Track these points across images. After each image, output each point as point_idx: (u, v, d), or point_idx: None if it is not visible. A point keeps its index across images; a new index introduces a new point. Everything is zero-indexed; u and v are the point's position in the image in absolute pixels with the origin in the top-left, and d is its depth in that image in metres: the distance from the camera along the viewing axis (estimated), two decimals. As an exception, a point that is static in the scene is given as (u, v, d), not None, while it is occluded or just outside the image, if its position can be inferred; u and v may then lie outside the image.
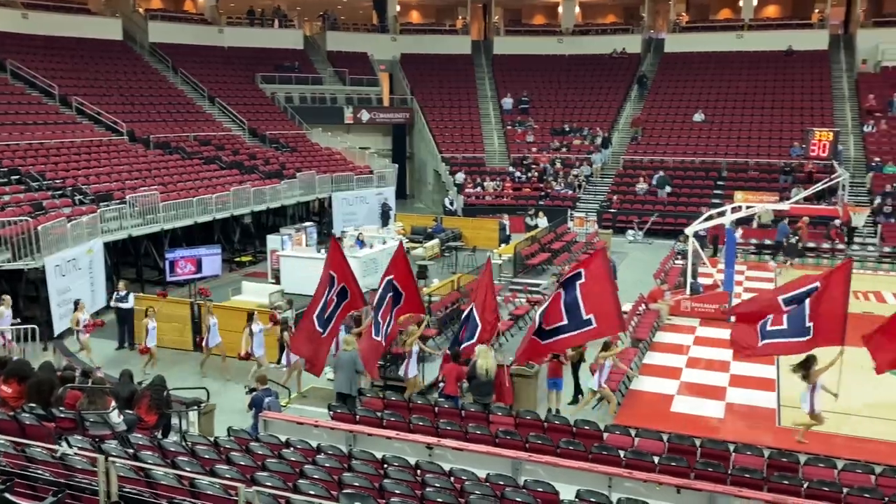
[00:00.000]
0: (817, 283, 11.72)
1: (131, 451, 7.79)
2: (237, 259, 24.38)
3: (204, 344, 14.85)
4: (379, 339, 12.09)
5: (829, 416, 11.61)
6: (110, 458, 6.68)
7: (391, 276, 12.22)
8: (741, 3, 39.60)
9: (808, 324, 11.51)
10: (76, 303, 15.39)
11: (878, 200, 27.11)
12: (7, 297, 14.81)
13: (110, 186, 22.22)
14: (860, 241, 25.39)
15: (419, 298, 12.85)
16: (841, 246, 24.91)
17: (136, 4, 36.35)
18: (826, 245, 25.04)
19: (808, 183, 27.61)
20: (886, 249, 24.48)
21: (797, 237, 24.27)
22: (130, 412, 9.44)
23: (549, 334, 11.71)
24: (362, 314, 13.85)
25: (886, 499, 8.08)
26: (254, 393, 11.04)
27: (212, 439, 9.03)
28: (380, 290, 12.33)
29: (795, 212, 25.11)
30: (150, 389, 9.91)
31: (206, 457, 8.03)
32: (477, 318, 12.29)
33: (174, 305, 16.49)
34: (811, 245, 25.05)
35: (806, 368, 11.42)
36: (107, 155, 24.84)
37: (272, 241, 22.36)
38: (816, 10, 39.21)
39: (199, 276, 19.61)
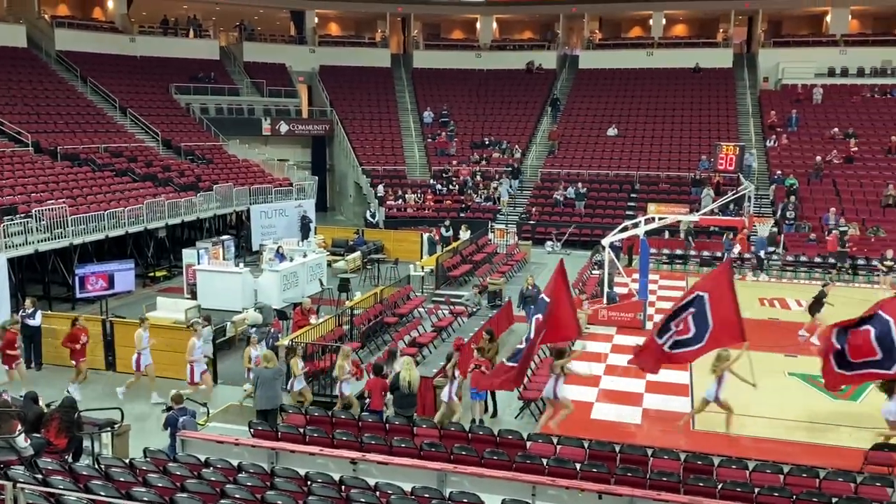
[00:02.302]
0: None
1: (40, 476, 7.45)
2: (151, 274, 23.65)
3: (134, 366, 14.03)
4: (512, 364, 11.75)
5: (738, 418, 12.10)
6: (18, 485, 6.37)
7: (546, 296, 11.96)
8: (651, 23, 41.14)
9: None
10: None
11: (779, 211, 28.46)
12: None
13: (14, 199, 21.21)
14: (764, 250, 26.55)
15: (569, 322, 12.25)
16: (748, 255, 26.03)
17: (41, 11, 34.92)
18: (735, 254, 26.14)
19: (718, 195, 28.83)
20: (789, 258, 25.71)
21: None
22: (38, 435, 9.03)
23: (681, 345, 11.98)
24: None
25: (794, 497, 8.48)
26: (169, 412, 10.72)
27: (127, 461, 8.72)
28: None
29: (704, 222, 26.15)
30: (60, 411, 9.51)
31: (122, 479, 7.75)
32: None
33: (85, 323, 15.80)
34: (719, 254, 26.14)
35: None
36: (10, 167, 23.72)
37: (188, 255, 21.77)
38: (721, 30, 41.11)
39: (110, 292, 18.93)
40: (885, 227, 26.75)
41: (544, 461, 9.24)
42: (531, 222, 30.67)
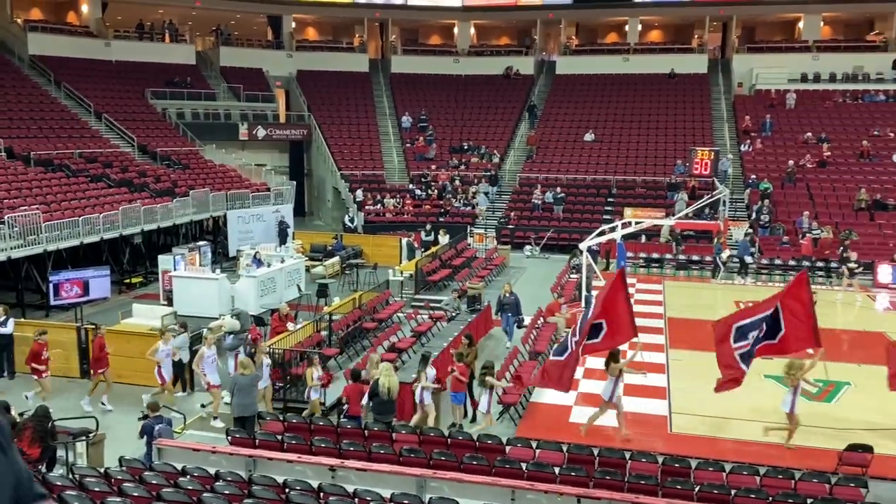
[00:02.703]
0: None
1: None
2: (127, 281, 23.40)
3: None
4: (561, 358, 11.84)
5: (715, 421, 12.20)
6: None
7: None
8: (627, 29, 41.47)
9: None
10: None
11: (754, 215, 28.77)
12: None
13: (-14, 206, 20.94)
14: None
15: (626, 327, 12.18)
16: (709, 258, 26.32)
17: (13, 15, 34.49)
18: (708, 258, 26.41)
19: (692, 199, 29.10)
20: (764, 261, 25.99)
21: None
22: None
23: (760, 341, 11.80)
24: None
25: (771, 498, 8.57)
26: (145, 420, 10.63)
27: (102, 470, 8.63)
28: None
29: (680, 226, 26.38)
30: (33, 421, 9.39)
31: (97, 489, 7.67)
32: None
33: (60, 330, 15.65)
34: (695, 257, 26.44)
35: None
36: (-18, 172, 23.42)
37: (164, 261, 21.59)
38: (696, 36, 41.54)
39: (85, 299, 18.70)
40: (858, 231, 27.13)
41: (523, 465, 9.26)
42: (510, 226, 30.76)
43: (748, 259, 25.36)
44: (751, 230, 27.45)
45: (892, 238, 26.56)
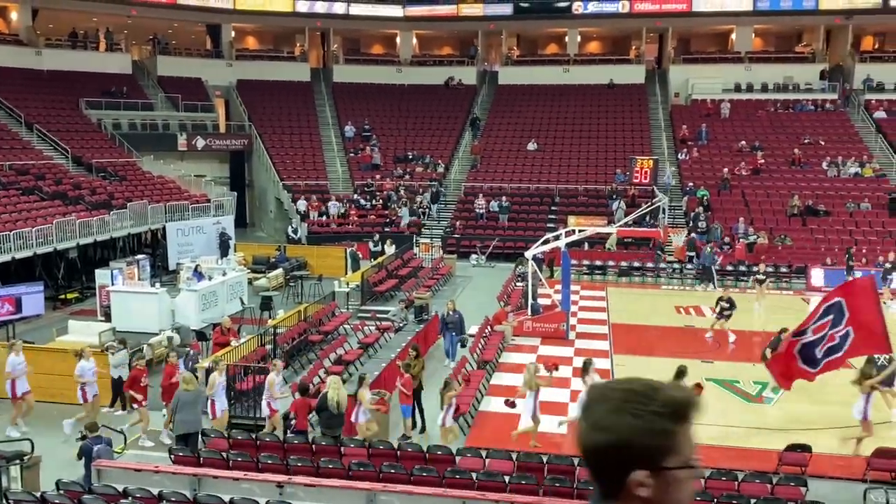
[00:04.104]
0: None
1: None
2: (62, 296, 22.65)
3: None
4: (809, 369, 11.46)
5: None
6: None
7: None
8: (567, 40, 42.13)
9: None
10: None
11: (691, 222, 29.47)
12: None
13: None
14: (675, 259, 27.43)
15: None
16: (663, 265, 26.88)
17: (-63, 22, 33.25)
18: (650, 264, 26.95)
19: (631, 207, 29.66)
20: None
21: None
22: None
23: (831, 352, 11.57)
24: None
25: (715, 500, 8.74)
26: (83, 441, 10.27)
27: (38, 495, 8.30)
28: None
29: (621, 234, 26.85)
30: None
31: (33, 515, 7.37)
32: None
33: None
34: (637, 264, 26.96)
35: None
36: None
37: (101, 275, 20.98)
38: (634, 47, 42.45)
39: (18, 316, 18.06)
40: (792, 236, 28.04)
41: (474, 475, 9.26)
42: (455, 236, 30.83)
43: (712, 266, 25.69)
44: (694, 235, 27.86)
45: (824, 243, 27.51)
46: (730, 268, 26.31)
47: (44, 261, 22.59)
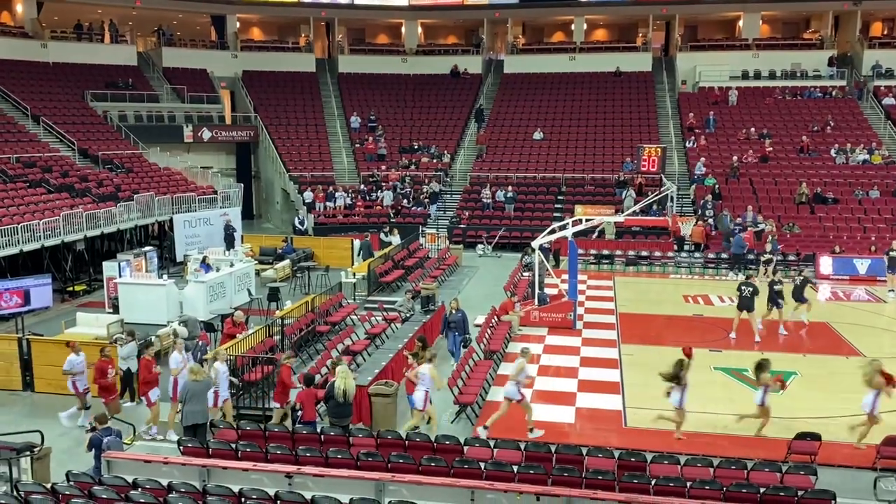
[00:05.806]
0: None
1: (-47, 508, 7.05)
2: (70, 288, 22.73)
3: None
4: None
5: (670, 414, 12.36)
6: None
7: None
8: (573, 28, 41.89)
9: None
10: None
11: (700, 210, 29.33)
12: None
13: (-82, 214, 20.12)
14: (687, 248, 27.33)
15: None
16: (671, 253, 26.78)
17: (-57, 15, 33.27)
18: (658, 253, 26.85)
19: (639, 195, 29.55)
20: (711, 255, 26.52)
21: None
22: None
23: None
24: None
25: (725, 489, 8.72)
26: (92, 433, 10.30)
27: (48, 486, 8.34)
28: None
29: (629, 223, 26.74)
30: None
31: (43, 507, 7.41)
32: None
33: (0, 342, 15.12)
34: (644, 253, 26.87)
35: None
36: (-88, 179, 22.50)
37: (109, 267, 20.98)
38: (640, 35, 42.21)
39: (26, 308, 18.11)
40: (800, 223, 27.88)
41: (482, 465, 9.25)
42: (462, 226, 30.78)
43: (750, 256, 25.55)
44: (701, 224, 27.74)
45: (832, 231, 27.36)
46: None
47: (51, 253, 22.66)
